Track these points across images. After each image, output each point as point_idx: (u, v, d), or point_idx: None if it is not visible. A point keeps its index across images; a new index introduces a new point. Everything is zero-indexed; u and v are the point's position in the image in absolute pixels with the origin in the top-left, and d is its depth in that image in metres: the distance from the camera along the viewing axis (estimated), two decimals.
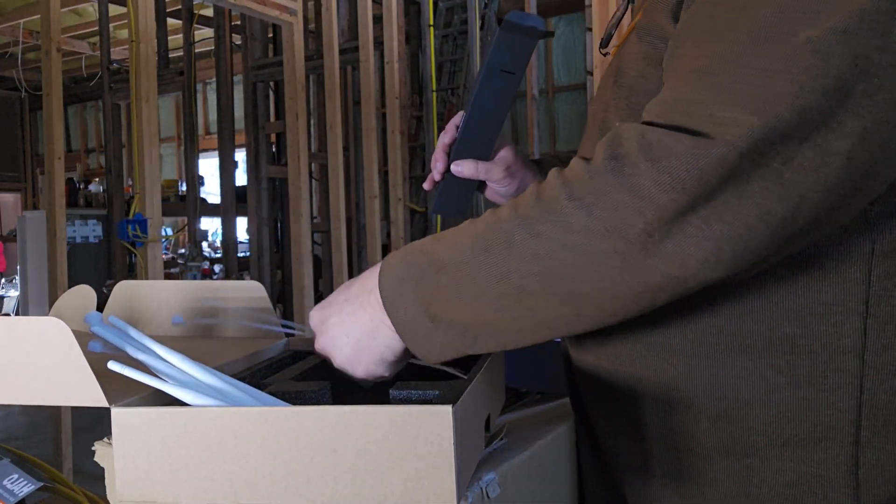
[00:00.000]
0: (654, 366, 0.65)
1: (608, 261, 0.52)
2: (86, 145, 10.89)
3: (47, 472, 0.74)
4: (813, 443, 0.61)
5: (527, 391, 0.85)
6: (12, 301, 8.31)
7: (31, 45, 8.24)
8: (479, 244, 0.57)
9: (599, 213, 0.52)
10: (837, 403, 0.60)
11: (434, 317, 0.59)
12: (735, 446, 0.63)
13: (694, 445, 0.64)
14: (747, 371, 0.62)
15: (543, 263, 0.54)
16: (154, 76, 3.08)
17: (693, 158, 0.50)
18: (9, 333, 0.56)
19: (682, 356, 0.64)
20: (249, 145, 5.44)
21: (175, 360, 0.59)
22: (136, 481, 0.54)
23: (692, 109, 0.52)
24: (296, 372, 0.73)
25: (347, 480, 0.51)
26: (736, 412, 0.62)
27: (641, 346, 0.66)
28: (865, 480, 0.61)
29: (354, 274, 5.44)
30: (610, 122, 0.69)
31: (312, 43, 5.37)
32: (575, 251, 0.53)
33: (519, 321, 0.58)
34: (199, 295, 0.86)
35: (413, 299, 0.60)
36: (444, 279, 0.58)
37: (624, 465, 0.70)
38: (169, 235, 7.90)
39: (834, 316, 0.60)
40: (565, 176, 0.55)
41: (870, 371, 0.60)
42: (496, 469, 0.58)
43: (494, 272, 0.56)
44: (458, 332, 0.59)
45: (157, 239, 3.06)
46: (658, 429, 0.66)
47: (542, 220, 0.54)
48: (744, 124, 0.50)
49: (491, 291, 0.56)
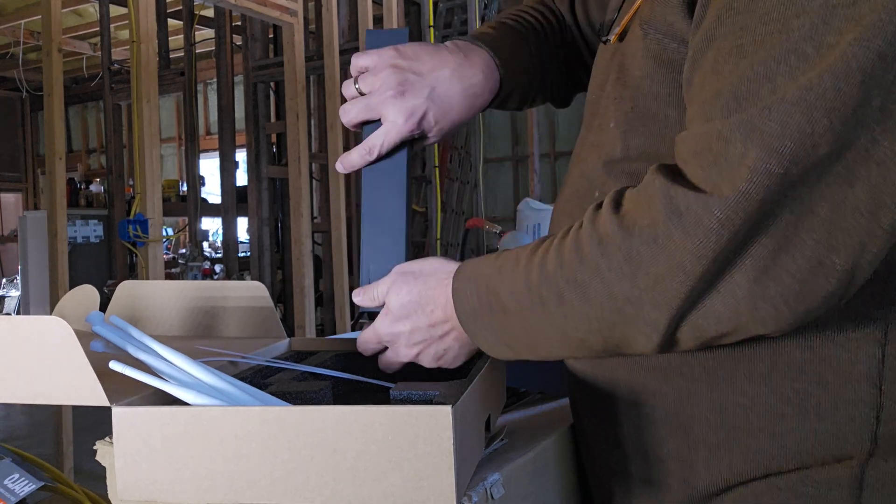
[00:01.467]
0: (653, 387, 0.62)
1: (654, 327, 0.53)
2: (87, 145, 10.89)
3: (48, 472, 0.75)
4: (818, 475, 0.57)
5: (527, 391, 0.85)
6: (13, 301, 8.31)
7: (32, 46, 8.24)
8: (535, 296, 0.58)
9: (643, 285, 0.52)
10: (849, 437, 0.56)
11: (511, 346, 0.63)
12: (732, 478, 0.60)
13: (690, 476, 0.62)
14: (750, 399, 0.58)
15: (598, 324, 0.55)
16: (155, 76, 3.08)
17: (728, 224, 0.48)
18: (11, 332, 0.56)
19: (682, 379, 0.61)
20: (250, 145, 5.44)
21: (176, 359, 0.59)
22: (137, 480, 0.54)
23: (722, 155, 0.49)
24: (297, 372, 0.73)
25: (347, 480, 0.51)
26: (736, 442, 0.59)
27: (639, 367, 0.63)
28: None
29: (354, 274, 5.44)
30: (608, 119, 0.67)
31: (313, 43, 5.36)
32: (625, 316, 0.54)
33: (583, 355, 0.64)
34: (200, 295, 0.86)
35: (490, 332, 0.63)
36: (512, 322, 0.61)
37: (614, 480, 0.68)
38: (170, 235, 7.90)
39: (848, 341, 0.55)
40: (600, 234, 0.54)
41: (887, 402, 0.55)
42: (500, 469, 0.58)
43: (555, 327, 0.58)
44: (534, 357, 0.64)
45: (158, 239, 3.06)
46: (654, 454, 0.63)
47: (589, 284, 0.54)
48: (775, 172, 0.47)
49: (554, 340, 0.60)
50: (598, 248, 0.54)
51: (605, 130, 0.67)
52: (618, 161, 0.65)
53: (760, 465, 0.59)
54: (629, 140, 0.64)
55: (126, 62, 6.59)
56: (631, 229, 0.52)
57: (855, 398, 0.56)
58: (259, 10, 3.67)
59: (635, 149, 0.63)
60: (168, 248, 8.02)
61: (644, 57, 0.62)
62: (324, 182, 5.25)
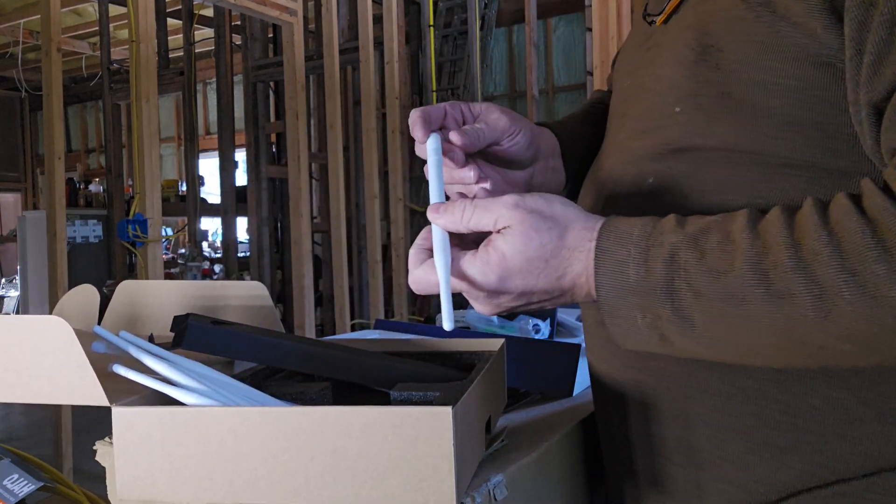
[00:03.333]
0: (715, 387, 0.58)
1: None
2: (86, 145, 10.88)
3: (47, 472, 0.75)
4: (888, 482, 0.54)
5: (527, 392, 0.85)
6: (12, 301, 8.30)
7: (32, 45, 8.24)
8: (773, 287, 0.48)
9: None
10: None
11: (671, 338, 0.53)
12: (796, 485, 0.56)
13: (748, 481, 0.57)
14: (826, 401, 0.55)
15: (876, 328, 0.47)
16: (154, 76, 3.08)
17: None
18: (10, 332, 0.56)
19: (749, 378, 0.57)
20: (249, 145, 5.44)
21: (177, 360, 0.59)
22: (137, 480, 0.54)
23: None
24: (297, 373, 0.73)
25: (347, 480, 0.51)
26: (808, 446, 0.55)
27: (699, 365, 0.58)
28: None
29: (354, 274, 5.45)
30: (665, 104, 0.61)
31: (312, 43, 5.37)
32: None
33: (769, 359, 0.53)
34: (200, 295, 0.86)
35: (646, 313, 0.52)
36: (704, 309, 0.50)
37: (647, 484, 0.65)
38: (169, 235, 7.90)
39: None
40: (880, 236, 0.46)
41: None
42: (503, 471, 0.58)
43: (784, 327, 0.48)
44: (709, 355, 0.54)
45: (158, 239, 3.06)
46: (706, 457, 0.59)
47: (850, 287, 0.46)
48: None
49: (772, 341, 0.50)
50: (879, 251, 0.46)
51: (658, 116, 0.62)
52: (683, 149, 0.59)
53: (830, 470, 0.56)
54: (711, 127, 0.58)
55: (125, 62, 6.60)
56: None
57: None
58: (258, 10, 3.66)
59: (716, 137, 0.57)
60: (167, 248, 8.02)
61: (748, 41, 0.56)
62: (323, 182, 5.26)
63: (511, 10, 6.14)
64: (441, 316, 0.57)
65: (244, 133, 5.48)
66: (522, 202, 0.55)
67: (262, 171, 5.43)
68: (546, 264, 0.54)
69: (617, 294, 0.53)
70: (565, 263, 0.54)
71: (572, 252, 0.54)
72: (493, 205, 0.55)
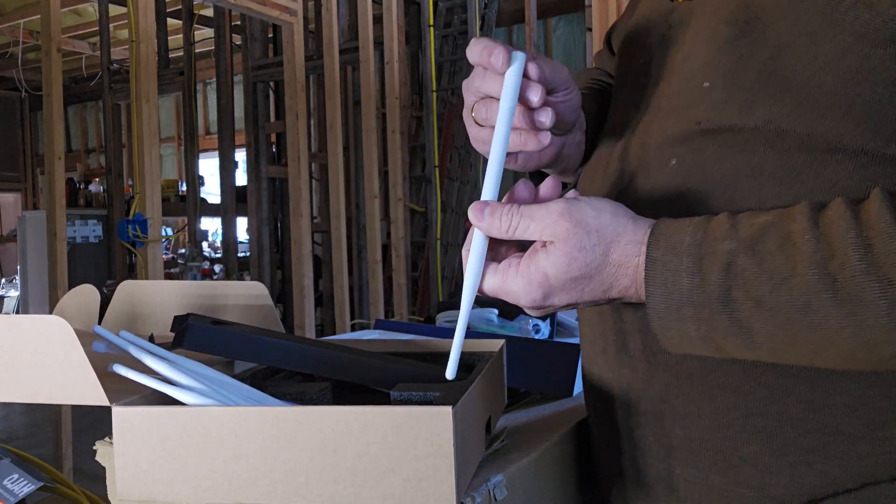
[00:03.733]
0: (733, 384, 0.55)
1: None
2: (86, 145, 10.88)
3: (47, 472, 0.75)
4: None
5: (527, 392, 0.85)
6: (12, 301, 8.30)
7: (32, 45, 8.24)
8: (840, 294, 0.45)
9: None
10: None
11: (720, 348, 0.52)
12: (821, 489, 0.54)
13: (768, 484, 0.55)
14: (855, 400, 0.52)
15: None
16: (154, 76, 3.08)
17: None
18: (11, 331, 0.56)
19: (773, 374, 0.54)
20: (249, 145, 5.44)
21: (177, 360, 0.59)
22: (137, 480, 0.54)
23: None
24: (296, 372, 0.73)
25: (347, 480, 0.51)
26: (835, 448, 0.53)
27: (718, 360, 0.55)
28: None
29: (354, 274, 5.45)
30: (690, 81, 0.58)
31: (312, 43, 5.36)
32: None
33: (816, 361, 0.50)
34: (200, 294, 0.86)
35: (701, 325, 0.50)
36: (765, 318, 0.48)
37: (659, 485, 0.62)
38: (169, 235, 7.90)
39: None
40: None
41: None
42: (503, 471, 0.58)
43: (846, 332, 0.46)
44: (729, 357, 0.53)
45: (158, 239, 3.06)
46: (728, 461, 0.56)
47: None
48: None
49: (844, 348, 0.47)
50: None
51: (687, 96, 0.58)
52: (716, 130, 0.56)
53: (858, 474, 0.53)
54: (751, 107, 0.54)
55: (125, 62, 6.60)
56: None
57: None
58: (259, 10, 3.66)
59: (757, 117, 0.54)
60: (167, 248, 8.01)
61: (799, 15, 0.53)
62: (323, 182, 5.26)
63: (511, 10, 6.13)
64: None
65: (244, 133, 5.48)
66: (568, 212, 0.53)
67: (262, 171, 5.43)
68: (590, 280, 0.53)
69: (669, 306, 0.51)
70: (611, 279, 0.53)
71: (618, 268, 0.53)
72: (539, 213, 0.53)
